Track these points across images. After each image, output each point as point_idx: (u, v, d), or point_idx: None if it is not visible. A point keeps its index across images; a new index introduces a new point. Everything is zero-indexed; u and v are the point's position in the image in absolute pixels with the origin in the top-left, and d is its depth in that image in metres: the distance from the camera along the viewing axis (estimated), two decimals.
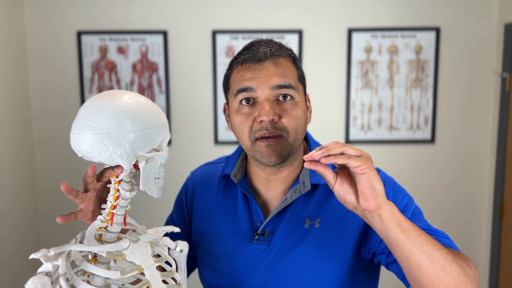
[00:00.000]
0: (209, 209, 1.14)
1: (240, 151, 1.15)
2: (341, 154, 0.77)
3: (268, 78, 0.96)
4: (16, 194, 2.67)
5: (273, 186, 1.08)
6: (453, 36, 2.84)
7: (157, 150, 0.81)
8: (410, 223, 0.82)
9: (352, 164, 0.76)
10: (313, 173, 1.04)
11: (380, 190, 0.78)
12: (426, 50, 2.85)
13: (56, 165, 2.90)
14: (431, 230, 0.96)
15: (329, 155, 0.77)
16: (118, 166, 0.79)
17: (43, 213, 2.94)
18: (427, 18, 2.83)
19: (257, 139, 0.97)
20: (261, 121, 0.96)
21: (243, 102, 0.99)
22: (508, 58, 2.72)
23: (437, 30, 2.82)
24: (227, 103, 1.07)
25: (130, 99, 0.77)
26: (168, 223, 1.24)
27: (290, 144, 0.98)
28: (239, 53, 1.02)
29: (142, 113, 0.77)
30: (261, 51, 0.98)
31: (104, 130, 0.73)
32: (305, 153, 1.10)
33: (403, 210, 1.00)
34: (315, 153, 0.77)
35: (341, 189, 0.81)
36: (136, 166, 0.80)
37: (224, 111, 1.11)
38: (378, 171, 1.05)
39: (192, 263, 1.22)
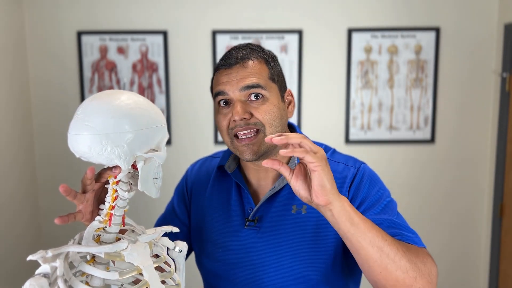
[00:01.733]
0: (205, 201, 1.22)
1: None
2: (299, 145, 0.84)
3: (237, 81, 1.06)
4: (16, 192, 2.67)
5: (263, 176, 1.16)
6: (453, 36, 2.84)
7: (155, 150, 0.80)
8: (362, 218, 0.88)
9: (307, 159, 0.81)
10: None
11: (329, 187, 0.84)
12: (426, 50, 2.84)
13: (56, 164, 2.91)
14: (396, 225, 1.01)
15: (287, 144, 0.84)
16: (116, 167, 0.79)
17: (43, 211, 2.94)
18: (427, 18, 2.83)
19: (235, 136, 1.07)
20: (234, 120, 1.05)
21: (222, 103, 1.09)
22: (508, 58, 2.72)
23: (437, 30, 2.82)
24: None
25: (128, 99, 0.77)
26: (168, 211, 1.30)
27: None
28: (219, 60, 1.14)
29: (141, 113, 0.76)
30: (232, 57, 1.09)
31: (102, 130, 0.72)
32: None
33: (376, 202, 1.06)
34: (274, 137, 0.83)
35: (295, 184, 0.87)
36: (134, 166, 0.80)
37: None
38: (361, 164, 1.14)
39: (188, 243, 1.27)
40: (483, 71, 2.87)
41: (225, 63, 1.09)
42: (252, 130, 1.05)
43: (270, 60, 1.12)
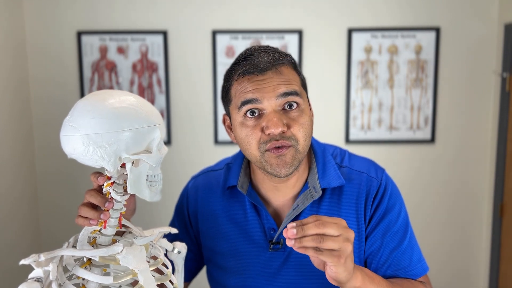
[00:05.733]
0: (217, 219, 1.11)
1: (242, 159, 1.12)
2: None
3: (273, 88, 0.93)
4: (14, 189, 2.67)
5: (282, 193, 1.06)
6: (453, 36, 2.83)
7: (149, 152, 0.78)
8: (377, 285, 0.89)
9: (322, 258, 0.76)
10: (321, 176, 1.04)
11: (344, 280, 0.81)
12: (426, 50, 2.84)
13: (56, 166, 2.90)
14: (402, 262, 1.03)
15: (301, 245, 0.76)
16: (100, 175, 0.79)
17: (42, 211, 2.95)
18: (427, 18, 2.82)
19: (266, 150, 0.95)
20: (269, 133, 0.93)
21: (248, 114, 0.95)
22: (508, 58, 2.71)
23: (437, 30, 2.81)
24: (228, 114, 1.04)
25: (114, 99, 0.75)
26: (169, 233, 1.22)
27: (300, 152, 0.96)
28: (237, 64, 0.98)
29: (126, 114, 0.74)
30: (262, 61, 0.95)
31: (84, 131, 0.72)
32: (309, 155, 1.09)
33: (392, 224, 1.03)
34: (290, 239, 0.76)
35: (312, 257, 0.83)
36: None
37: (224, 122, 1.07)
38: (382, 173, 1.07)
39: (195, 267, 1.21)
40: (483, 71, 2.86)
41: (254, 69, 0.94)
42: (285, 146, 0.94)
43: (297, 66, 1.01)
